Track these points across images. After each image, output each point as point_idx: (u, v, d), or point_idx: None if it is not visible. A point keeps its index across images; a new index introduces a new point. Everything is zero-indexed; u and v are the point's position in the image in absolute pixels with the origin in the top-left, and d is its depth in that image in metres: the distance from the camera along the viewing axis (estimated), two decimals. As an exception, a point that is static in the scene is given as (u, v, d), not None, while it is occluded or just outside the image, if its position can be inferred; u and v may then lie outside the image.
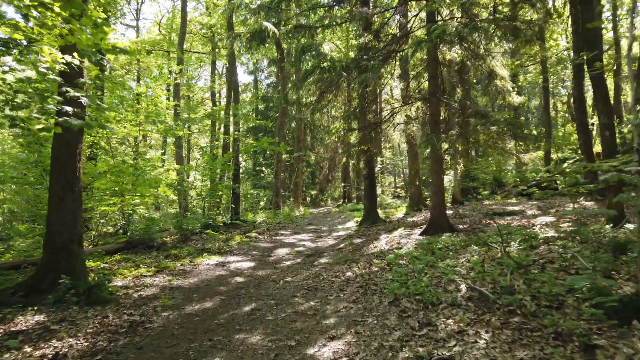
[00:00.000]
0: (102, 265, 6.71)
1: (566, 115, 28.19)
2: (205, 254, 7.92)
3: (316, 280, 5.62)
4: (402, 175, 39.14)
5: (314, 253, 8.18)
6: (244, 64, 35.13)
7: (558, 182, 16.88)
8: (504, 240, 5.19)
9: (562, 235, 5.33)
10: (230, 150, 14.71)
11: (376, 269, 5.70)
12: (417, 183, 15.29)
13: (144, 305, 4.87)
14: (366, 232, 10.55)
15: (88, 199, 6.79)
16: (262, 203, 27.10)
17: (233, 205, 14.05)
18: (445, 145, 11.31)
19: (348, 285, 5.08)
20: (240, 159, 29.06)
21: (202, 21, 23.03)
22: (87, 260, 7.23)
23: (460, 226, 9.43)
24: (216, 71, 28.38)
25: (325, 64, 7.52)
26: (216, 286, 5.74)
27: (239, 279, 6.13)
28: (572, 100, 29.52)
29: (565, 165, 20.43)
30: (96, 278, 5.64)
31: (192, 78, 31.60)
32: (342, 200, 33.32)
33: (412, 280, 4.50)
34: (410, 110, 11.13)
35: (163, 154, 27.25)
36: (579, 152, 20.55)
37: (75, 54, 4.51)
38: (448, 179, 22.33)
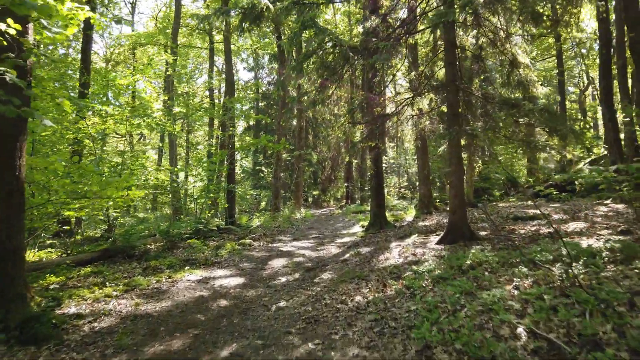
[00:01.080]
0: (55, 285, 5.58)
1: (589, 107, 26.91)
2: (187, 268, 6.78)
3: (317, 307, 4.47)
4: (405, 175, 37.88)
5: (315, 266, 7.03)
6: (244, 60, 34.06)
7: (576, 182, 15.69)
8: (567, 258, 4.02)
9: (618, 249, 4.17)
10: (225, 148, 13.59)
11: (392, 292, 4.55)
12: (427, 183, 14.11)
13: (94, 343, 3.74)
14: (374, 239, 9.40)
15: (45, 203, 5.67)
16: (262, 204, 26.00)
17: (228, 208, 12.93)
18: (462, 142, 10.16)
19: (358, 317, 3.93)
20: (238, 157, 27.96)
21: (199, 12, 21.91)
22: (48, 276, 6.13)
23: (482, 233, 8.27)
24: (215, 68, 27.28)
25: (328, 43, 6.37)
26: (193, 313, 4.60)
27: (223, 303, 4.99)
28: (584, 93, 28.20)
29: (583, 164, 19.23)
30: (42, 304, 4.51)
31: (191, 76, 30.58)
32: (344, 200, 32.21)
33: (446, 316, 3.34)
34: (422, 102, 9.97)
35: (160, 152, 26.20)
36: (598, 148, 19.34)
37: (9, 20, 3.40)
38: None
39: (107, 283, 5.74)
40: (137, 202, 21.75)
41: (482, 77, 9.74)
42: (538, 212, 11.14)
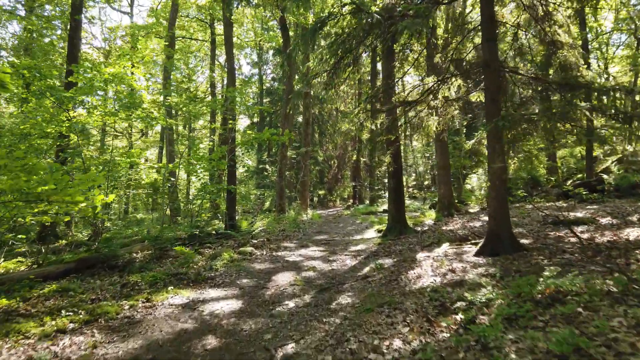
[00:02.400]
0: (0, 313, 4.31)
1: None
2: (171, 288, 5.49)
3: (340, 357, 3.18)
4: (413, 174, 36.34)
5: (330, 284, 5.74)
6: (247, 55, 32.81)
7: (606, 182, 14.27)
8: None
9: None
10: (226, 144, 12.32)
11: (445, 334, 3.24)
12: (448, 183, 12.78)
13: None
14: (395, 247, 8.08)
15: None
16: (266, 204, 24.77)
17: (227, 210, 11.68)
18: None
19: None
20: (240, 153, 26.70)
21: (199, 3, 20.68)
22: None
23: (523, 241, 6.94)
24: (218, 63, 26.05)
25: (345, 8, 5.07)
26: (167, 361, 3.33)
27: (211, 342, 3.71)
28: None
29: (611, 162, 17.78)
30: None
31: (193, 71, 29.44)
32: (352, 200, 30.90)
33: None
34: (449, 88, 8.64)
35: (161, 151, 24.99)
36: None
37: None
38: (477, 178, 19.72)
39: (67, 310, 4.48)
40: (136, 202, 20.59)
41: (520, 59, 8.38)
42: (579, 214, 9.79)
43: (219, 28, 22.17)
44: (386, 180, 26.25)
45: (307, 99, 18.36)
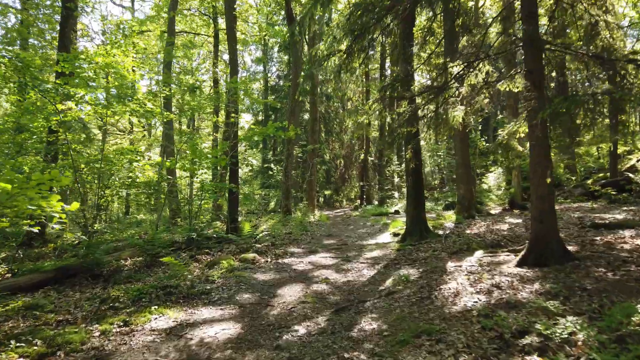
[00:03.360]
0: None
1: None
2: (155, 307, 4.53)
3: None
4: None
5: (347, 301, 4.77)
6: (252, 53, 31.92)
7: (633, 181, 13.18)
8: None
9: None
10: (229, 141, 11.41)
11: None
12: (469, 182, 11.76)
13: None
14: (417, 253, 7.10)
15: None
16: (271, 204, 23.87)
17: (229, 211, 10.76)
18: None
19: None
20: (243, 149, 25.78)
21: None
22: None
23: (570, 247, 5.94)
24: (222, 60, 25.18)
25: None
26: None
27: (197, 390, 2.78)
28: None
29: (637, 160, 16.64)
30: None
31: (198, 69, 28.64)
32: (359, 201, 29.90)
33: None
34: (476, 76, 7.64)
35: (165, 149, 24.15)
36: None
37: None
38: (494, 177, 18.62)
39: (21, 338, 3.57)
40: (138, 202, 19.78)
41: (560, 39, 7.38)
42: (618, 216, 8.77)
43: (223, 24, 21.32)
44: (396, 180, 25.28)
45: (314, 93, 17.43)
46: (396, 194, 24.38)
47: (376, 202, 24.33)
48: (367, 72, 29.86)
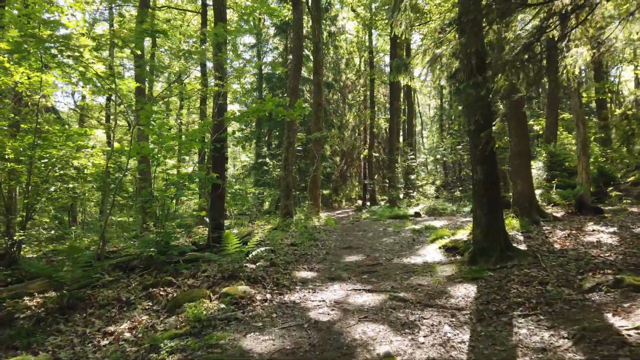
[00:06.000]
0: None
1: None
2: None
3: None
4: (425, 167, 31.86)
5: None
6: (245, 45, 28.66)
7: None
8: None
9: None
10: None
11: None
12: (528, 176, 8.98)
13: None
14: (516, 288, 4.23)
15: None
16: (266, 204, 20.89)
17: (211, 213, 7.80)
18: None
19: None
20: (235, 146, 22.67)
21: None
22: None
23: None
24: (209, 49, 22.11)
25: None
26: None
27: None
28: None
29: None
30: None
31: (184, 55, 25.49)
32: (360, 201, 27.11)
33: None
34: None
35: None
36: None
37: None
38: (534, 170, 15.79)
39: None
40: (87, 200, 16.66)
41: None
42: None
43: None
44: (412, 177, 22.43)
45: (319, 72, 14.52)
46: (405, 193, 21.63)
47: (383, 203, 21.49)
48: (371, 59, 27.06)
